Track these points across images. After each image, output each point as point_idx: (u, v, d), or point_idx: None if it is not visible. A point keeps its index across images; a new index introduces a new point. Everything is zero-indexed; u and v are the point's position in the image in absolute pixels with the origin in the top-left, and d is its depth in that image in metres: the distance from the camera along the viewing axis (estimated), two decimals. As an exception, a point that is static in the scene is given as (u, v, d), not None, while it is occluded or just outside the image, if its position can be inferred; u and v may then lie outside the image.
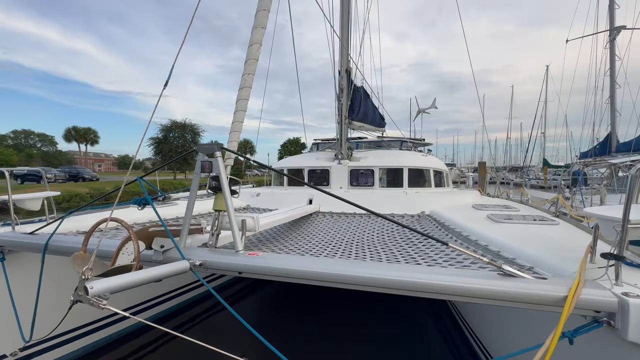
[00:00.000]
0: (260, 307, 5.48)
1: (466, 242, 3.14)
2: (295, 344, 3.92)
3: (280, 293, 5.81)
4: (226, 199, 2.26)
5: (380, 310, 4.95)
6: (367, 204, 6.06)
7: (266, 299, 5.73)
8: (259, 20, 3.05)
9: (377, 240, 3.49)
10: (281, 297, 5.71)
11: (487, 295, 1.65)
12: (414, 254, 2.76)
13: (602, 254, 1.69)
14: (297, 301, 5.47)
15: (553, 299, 1.55)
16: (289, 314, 5.12)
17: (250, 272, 2.11)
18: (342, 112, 6.97)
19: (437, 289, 1.70)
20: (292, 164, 7.24)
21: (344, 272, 1.84)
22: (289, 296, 5.68)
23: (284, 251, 2.90)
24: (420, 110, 12.93)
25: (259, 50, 2.96)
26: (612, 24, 10.72)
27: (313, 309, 5.16)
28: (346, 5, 7.04)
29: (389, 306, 5.02)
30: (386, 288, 1.80)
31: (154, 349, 3.92)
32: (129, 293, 3.35)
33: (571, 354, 1.87)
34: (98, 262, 1.96)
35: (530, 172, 40.70)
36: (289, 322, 4.76)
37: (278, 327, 4.48)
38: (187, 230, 2.36)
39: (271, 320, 4.82)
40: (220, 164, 2.28)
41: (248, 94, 2.84)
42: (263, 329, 1.62)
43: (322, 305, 5.21)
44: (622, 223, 1.64)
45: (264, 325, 4.37)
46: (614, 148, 10.45)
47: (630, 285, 1.63)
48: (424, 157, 7.14)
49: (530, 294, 1.60)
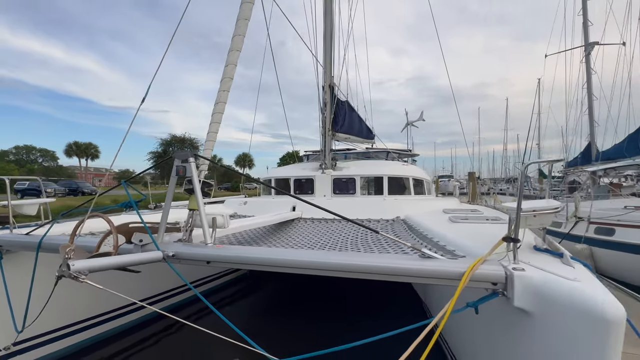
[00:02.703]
0: (257, 307, 5.71)
1: (421, 238, 3.47)
2: (289, 344, 4.10)
3: (277, 294, 6.08)
4: (197, 199, 2.60)
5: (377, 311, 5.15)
6: (348, 211, 6.44)
7: (264, 299, 5.98)
8: (235, 44, 3.47)
9: (345, 239, 3.81)
10: (278, 298, 5.97)
11: (407, 273, 1.96)
12: (369, 249, 3.09)
13: (503, 237, 2.01)
14: (295, 302, 5.71)
15: (456, 274, 1.86)
16: (286, 314, 5.34)
17: (217, 261, 2.43)
18: (325, 124, 7.38)
19: (368, 269, 2.02)
20: (279, 174, 7.61)
21: (290, 257, 2.17)
22: (287, 297, 5.94)
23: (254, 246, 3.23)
24: (409, 122, 13.46)
25: (233, 70, 3.36)
26: (586, 40, 11.33)
27: (309, 310, 5.37)
28: (329, 23, 7.56)
29: (382, 310, 5.23)
30: (326, 270, 2.12)
31: (149, 346, 4.10)
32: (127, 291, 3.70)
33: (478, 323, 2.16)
34: (83, 252, 2.29)
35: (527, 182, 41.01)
36: (286, 322, 4.94)
37: (274, 327, 4.66)
38: (164, 227, 2.68)
39: (267, 320, 5.01)
40: (192, 168, 2.63)
41: (223, 108, 3.23)
42: (259, 329, 1.89)
43: (317, 307, 5.43)
44: (516, 212, 1.97)
45: (260, 325, 4.62)
46: (594, 157, 10.86)
47: (524, 263, 1.94)
48: (405, 167, 7.50)
49: (438, 271, 1.92)
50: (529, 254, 2.17)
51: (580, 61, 11.34)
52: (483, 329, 2.43)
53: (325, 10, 7.65)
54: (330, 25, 7.61)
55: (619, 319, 1.39)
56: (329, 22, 7.61)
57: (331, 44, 7.56)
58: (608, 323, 1.39)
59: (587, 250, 6.82)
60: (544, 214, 2.01)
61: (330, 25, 7.61)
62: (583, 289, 1.54)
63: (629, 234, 5.93)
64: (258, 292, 6.26)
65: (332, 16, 7.74)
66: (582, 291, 1.53)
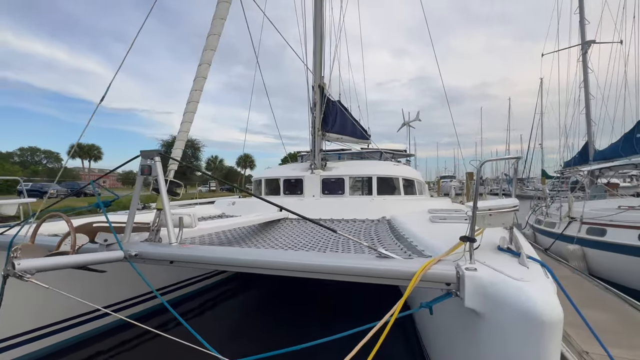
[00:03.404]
0: (246, 307, 5.67)
1: (398, 238, 3.44)
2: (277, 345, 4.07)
3: (267, 294, 6.05)
4: (162, 198, 2.59)
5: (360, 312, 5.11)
6: (336, 211, 6.40)
7: (253, 299, 5.94)
8: (209, 43, 3.46)
9: (325, 240, 3.78)
10: (267, 298, 5.93)
11: (361, 273, 1.94)
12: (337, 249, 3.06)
13: (460, 237, 1.97)
14: (285, 302, 5.67)
15: (408, 274, 1.83)
16: (274, 315, 5.29)
17: (180, 261, 2.42)
18: (315, 125, 7.37)
19: (322, 269, 2.00)
20: (270, 175, 7.60)
21: (242, 257, 2.15)
22: (276, 297, 5.90)
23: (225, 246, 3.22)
24: (405, 122, 13.36)
25: (207, 69, 3.35)
26: (583, 39, 11.21)
27: (297, 311, 5.32)
28: (318, 23, 7.55)
29: (366, 310, 5.21)
30: (279, 270, 2.09)
31: (132, 348, 4.00)
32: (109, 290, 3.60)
33: (434, 323, 2.12)
34: (44, 250, 2.28)
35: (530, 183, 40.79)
36: (274, 323, 4.88)
37: (261, 328, 4.60)
38: (130, 226, 2.67)
39: (255, 322, 4.95)
40: (158, 167, 2.62)
41: (195, 107, 3.22)
42: (246, 330, 1.85)
43: (304, 309, 5.37)
44: (472, 211, 1.93)
45: (248, 326, 4.57)
46: (591, 157, 10.73)
47: (480, 263, 1.90)
48: (395, 167, 7.46)
49: (391, 270, 1.89)
50: (490, 253, 2.13)
51: (578, 60, 11.24)
52: (446, 328, 2.40)
53: (315, 10, 7.64)
54: (321, 25, 7.60)
55: (555, 321, 1.36)
56: (319, 22, 7.60)
57: (321, 44, 7.55)
58: (543, 324, 1.36)
59: (579, 251, 6.73)
60: (500, 212, 1.97)
61: (321, 25, 7.60)
62: (524, 290, 1.50)
63: (619, 234, 5.84)
64: (246, 293, 6.24)
65: (323, 16, 7.73)
66: (522, 292, 1.50)
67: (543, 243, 8.76)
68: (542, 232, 8.98)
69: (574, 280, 5.85)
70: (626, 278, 5.68)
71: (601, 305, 4.69)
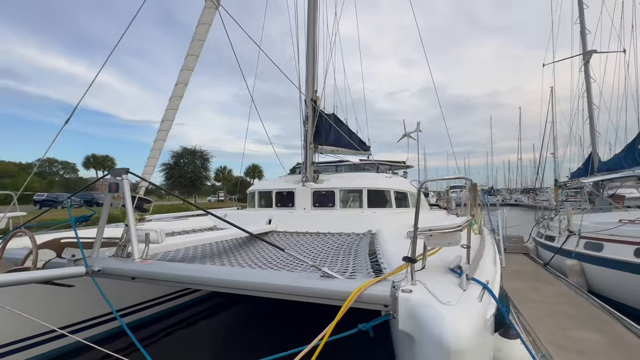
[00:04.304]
0: (231, 324, 5.60)
1: (371, 254, 3.44)
2: None
3: (253, 311, 5.96)
4: (128, 214, 2.68)
5: None
6: (325, 224, 6.39)
7: (238, 316, 5.85)
8: (187, 63, 3.60)
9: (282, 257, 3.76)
10: (254, 315, 5.84)
11: (299, 292, 1.95)
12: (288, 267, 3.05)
13: (403, 257, 1.97)
14: (270, 319, 5.57)
15: (345, 294, 1.83)
16: (260, 331, 5.19)
17: (140, 278, 2.48)
18: (307, 138, 7.45)
19: (262, 287, 2.02)
20: (262, 187, 7.69)
21: (190, 273, 2.20)
22: (263, 314, 5.81)
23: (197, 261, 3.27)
24: (406, 133, 13.33)
25: (183, 89, 3.47)
26: (584, 49, 11.06)
27: (282, 328, 5.19)
28: (311, 40, 7.71)
29: None
30: (232, 288, 2.13)
31: None
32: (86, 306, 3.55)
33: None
34: (10, 265, 2.39)
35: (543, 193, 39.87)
36: (259, 340, 4.80)
37: (246, 345, 4.51)
38: (99, 242, 2.77)
39: (240, 338, 4.87)
40: (125, 185, 2.72)
41: (169, 125, 3.33)
42: (230, 347, 1.85)
43: (287, 327, 5.23)
44: (413, 232, 1.94)
45: (232, 343, 4.52)
46: (596, 168, 10.46)
47: (422, 283, 1.89)
48: (387, 179, 7.43)
49: (328, 290, 1.90)
50: (438, 274, 2.11)
51: (579, 69, 11.07)
52: (400, 349, 2.37)
53: (308, 24, 7.80)
54: (313, 39, 7.76)
55: (459, 349, 1.35)
56: (312, 36, 7.76)
57: (314, 58, 7.69)
58: (449, 353, 1.35)
59: (578, 266, 6.51)
60: (441, 233, 1.97)
61: (313, 39, 7.76)
62: (441, 315, 1.49)
63: (616, 249, 5.63)
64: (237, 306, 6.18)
65: (316, 29, 7.89)
66: (439, 317, 1.49)
67: (544, 257, 8.51)
68: (543, 245, 8.74)
69: (569, 297, 5.66)
70: (623, 296, 5.45)
71: (593, 324, 4.52)
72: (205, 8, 3.74)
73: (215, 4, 3.84)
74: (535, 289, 6.17)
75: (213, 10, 3.78)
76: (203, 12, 3.73)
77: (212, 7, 3.78)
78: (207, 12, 3.73)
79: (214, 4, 3.82)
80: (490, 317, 1.71)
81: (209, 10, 3.74)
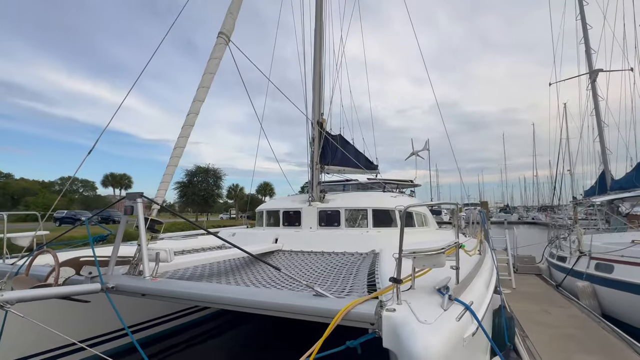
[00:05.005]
0: (236, 341, 5.72)
1: (370, 274, 3.56)
2: None
3: (261, 329, 6.06)
4: (140, 235, 2.91)
5: None
6: (330, 243, 6.53)
7: (243, 334, 5.96)
8: (199, 95, 3.93)
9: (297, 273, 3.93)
10: (262, 333, 5.94)
11: (292, 310, 2.10)
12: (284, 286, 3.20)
13: (390, 277, 2.10)
14: (279, 337, 5.66)
15: (334, 312, 1.97)
16: (262, 349, 5.30)
17: (151, 295, 2.68)
18: (313, 159, 7.70)
19: (261, 305, 2.18)
20: (271, 206, 7.90)
21: (193, 290, 2.37)
22: (271, 332, 5.90)
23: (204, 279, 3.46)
24: (414, 152, 13.46)
25: (194, 118, 3.79)
26: (590, 67, 11.11)
27: (283, 346, 5.32)
28: (317, 65, 8.08)
29: None
30: (232, 306, 2.29)
31: None
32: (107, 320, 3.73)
33: None
34: (35, 281, 2.63)
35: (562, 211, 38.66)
36: (261, 357, 4.93)
37: None
38: (114, 260, 3.00)
39: (244, 356, 5.01)
40: (139, 208, 2.97)
41: (181, 152, 3.62)
42: None
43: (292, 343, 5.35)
44: (398, 253, 2.08)
45: None
46: (609, 186, 10.27)
47: (407, 303, 2.01)
48: (392, 199, 7.53)
49: (321, 309, 2.03)
50: (424, 294, 2.22)
51: (587, 88, 11.08)
52: None
53: (315, 49, 8.20)
54: (319, 64, 8.13)
55: None
56: (318, 61, 8.14)
57: (320, 84, 8.04)
58: None
59: (590, 288, 6.35)
60: (425, 255, 2.10)
61: (319, 64, 8.13)
62: (416, 333, 1.61)
63: (627, 271, 5.50)
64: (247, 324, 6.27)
65: (321, 56, 8.27)
66: (414, 335, 1.61)
67: (557, 278, 8.30)
68: (555, 266, 8.54)
69: (580, 320, 5.52)
70: (636, 318, 5.29)
71: (602, 349, 4.42)
72: (216, 44, 4.10)
73: (226, 40, 4.21)
74: (545, 311, 6.04)
75: (224, 46, 4.13)
76: (214, 48, 4.08)
77: (223, 43, 4.14)
78: (218, 48, 4.08)
79: (224, 40, 4.19)
80: (469, 336, 1.81)
81: (219, 47, 4.09)
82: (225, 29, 4.22)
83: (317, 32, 8.28)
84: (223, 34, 4.17)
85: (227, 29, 4.23)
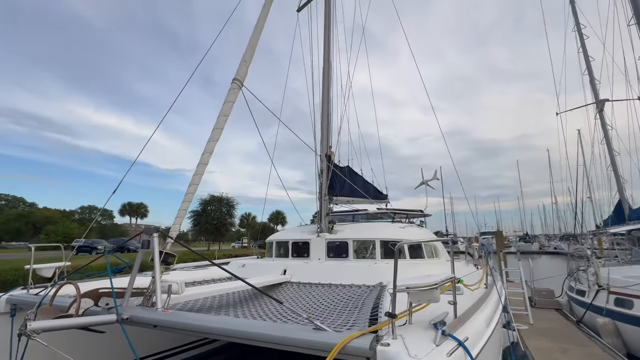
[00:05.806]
0: None
1: (374, 307, 3.61)
2: None
3: None
4: (155, 267, 3.12)
5: None
6: (338, 274, 6.61)
7: None
8: (213, 135, 4.28)
9: (304, 305, 4.00)
10: None
11: (294, 344, 2.20)
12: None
13: (385, 312, 2.21)
14: None
15: (331, 346, 2.07)
16: None
17: (162, 326, 2.83)
18: (322, 190, 7.91)
19: (263, 338, 2.29)
20: (280, 237, 8.04)
21: (199, 323, 2.52)
22: None
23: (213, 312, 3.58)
24: (424, 181, 13.49)
25: (208, 157, 4.11)
26: (596, 97, 11.23)
27: None
28: (325, 98, 8.52)
29: None
30: (236, 338, 2.42)
31: None
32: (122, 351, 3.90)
33: None
34: (58, 312, 2.83)
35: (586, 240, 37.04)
36: None
37: None
38: (129, 292, 3.19)
39: None
40: (155, 243, 3.20)
41: (195, 189, 3.91)
42: None
43: None
44: (393, 288, 2.20)
45: None
46: (627, 216, 9.98)
47: (402, 337, 2.09)
48: (401, 230, 7.57)
49: (319, 342, 2.13)
50: (420, 329, 2.29)
51: (595, 117, 11.14)
52: None
53: (323, 85, 8.67)
54: (327, 99, 8.57)
55: None
56: (326, 97, 8.58)
57: (328, 118, 8.44)
58: None
59: (611, 325, 6.05)
60: (419, 291, 2.20)
61: (327, 99, 8.57)
62: None
63: (647, 307, 5.27)
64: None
65: (329, 91, 8.74)
66: None
67: (577, 313, 7.93)
68: (574, 300, 8.18)
69: (601, 360, 5.25)
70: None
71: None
72: (230, 89, 4.51)
73: (239, 85, 4.63)
74: (564, 350, 5.77)
75: (237, 91, 4.54)
76: (229, 93, 4.49)
77: (237, 88, 4.55)
78: (232, 93, 4.48)
79: (238, 85, 4.61)
80: None
81: (233, 91, 4.50)
82: (239, 75, 4.66)
83: (325, 70, 8.81)
84: (237, 80, 4.60)
85: (241, 75, 4.67)
